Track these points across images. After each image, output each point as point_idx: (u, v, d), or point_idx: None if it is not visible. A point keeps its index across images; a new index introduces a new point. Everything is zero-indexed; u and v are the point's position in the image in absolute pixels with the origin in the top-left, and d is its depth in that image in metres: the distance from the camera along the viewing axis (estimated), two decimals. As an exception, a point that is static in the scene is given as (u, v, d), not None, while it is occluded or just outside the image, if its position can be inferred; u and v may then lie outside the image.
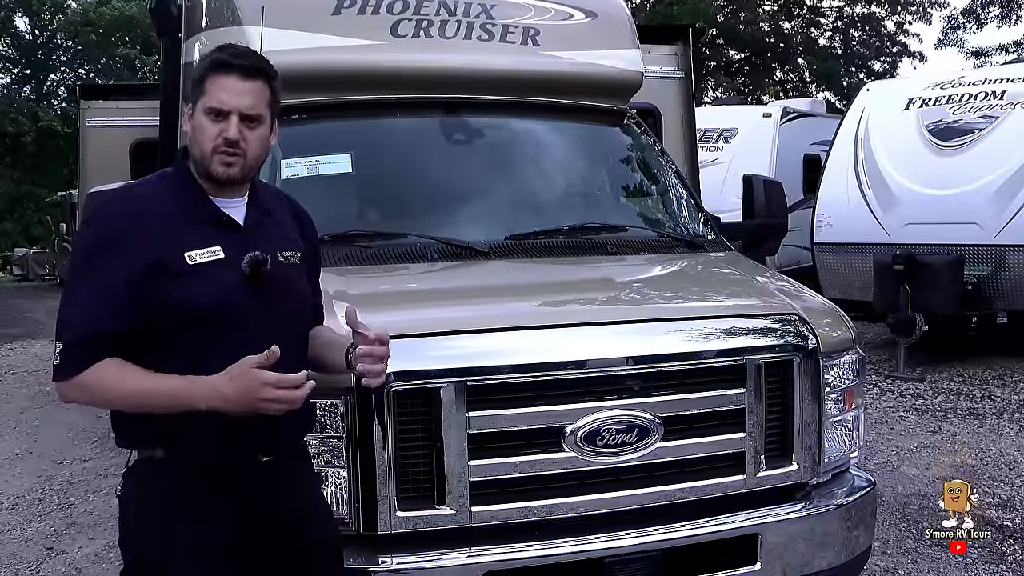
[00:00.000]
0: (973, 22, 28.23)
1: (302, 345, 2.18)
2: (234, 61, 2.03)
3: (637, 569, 2.72)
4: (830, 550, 3.00)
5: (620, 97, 4.31)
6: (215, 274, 1.97)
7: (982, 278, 9.34)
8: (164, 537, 2.01)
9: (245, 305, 1.99)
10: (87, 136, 8.02)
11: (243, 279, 1.98)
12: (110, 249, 1.95)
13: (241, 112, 2.00)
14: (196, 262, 1.95)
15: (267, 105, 2.06)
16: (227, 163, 2.01)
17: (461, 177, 3.88)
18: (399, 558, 2.55)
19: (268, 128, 2.09)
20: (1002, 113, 9.78)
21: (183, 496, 2.00)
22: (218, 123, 2.00)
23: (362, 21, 3.81)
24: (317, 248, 2.33)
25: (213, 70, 2.02)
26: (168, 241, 1.96)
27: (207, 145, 2.00)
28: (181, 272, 1.93)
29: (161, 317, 1.94)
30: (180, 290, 1.92)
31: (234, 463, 2.02)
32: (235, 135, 1.99)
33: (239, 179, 2.06)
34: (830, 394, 3.03)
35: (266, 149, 2.11)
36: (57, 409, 8.65)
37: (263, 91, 2.04)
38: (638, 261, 3.69)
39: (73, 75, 36.95)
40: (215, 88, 2.00)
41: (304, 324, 2.20)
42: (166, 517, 2.01)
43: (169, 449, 2.01)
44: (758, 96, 30.25)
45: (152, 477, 2.04)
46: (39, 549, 4.86)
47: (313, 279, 2.29)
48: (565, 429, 2.63)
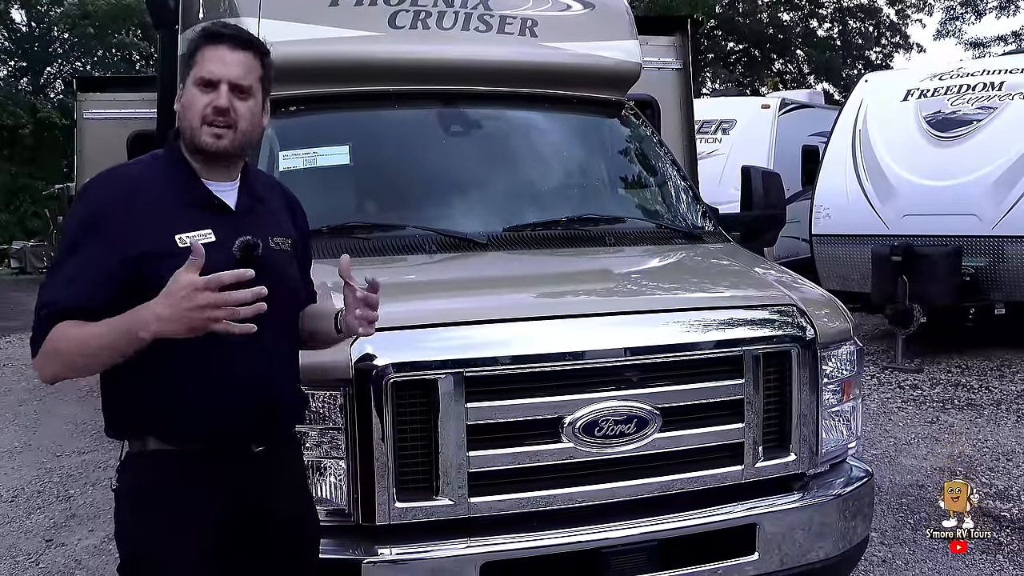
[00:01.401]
0: (971, 13, 28.21)
1: (292, 329, 2.17)
2: (224, 31, 2.02)
3: (635, 559, 2.73)
4: (828, 540, 3.01)
5: (618, 88, 4.30)
6: (206, 257, 1.93)
7: (980, 269, 9.35)
8: (157, 532, 1.99)
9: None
10: (84, 128, 8.01)
11: (234, 263, 1.93)
12: (95, 228, 1.93)
13: (231, 81, 1.97)
14: (186, 244, 1.90)
15: (258, 79, 2.03)
16: (216, 134, 1.98)
17: (459, 169, 3.87)
18: (398, 549, 2.56)
19: (259, 104, 2.05)
20: (1000, 104, 9.77)
21: (175, 489, 1.98)
22: (208, 93, 1.97)
23: (359, 12, 3.80)
24: (308, 237, 2.32)
25: (203, 42, 2.01)
26: (158, 222, 1.94)
27: (196, 117, 1.98)
28: (171, 254, 1.88)
29: (152, 297, 1.87)
30: (171, 271, 1.85)
31: (226, 453, 2.01)
32: (225, 103, 1.96)
33: (229, 152, 2.02)
34: (828, 385, 3.04)
35: (258, 127, 2.08)
36: (56, 402, 8.67)
37: (254, 64, 2.02)
38: (636, 252, 3.69)
39: (70, 67, 36.82)
40: (204, 59, 1.99)
41: (295, 310, 2.19)
42: (158, 511, 1.99)
43: (160, 440, 1.98)
44: (756, 87, 30.21)
45: (144, 470, 2.02)
46: (39, 541, 4.87)
47: (304, 268, 2.27)
48: (563, 420, 2.63)
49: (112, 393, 2.03)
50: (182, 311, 1.73)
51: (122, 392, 2.00)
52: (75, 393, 9.03)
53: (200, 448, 1.98)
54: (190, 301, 1.72)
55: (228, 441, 2.01)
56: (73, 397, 8.85)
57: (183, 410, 1.92)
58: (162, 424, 1.97)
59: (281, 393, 2.10)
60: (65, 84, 34.62)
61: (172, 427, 1.96)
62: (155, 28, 4.76)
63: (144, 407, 1.95)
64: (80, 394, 8.94)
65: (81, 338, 1.85)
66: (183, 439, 1.97)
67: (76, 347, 1.86)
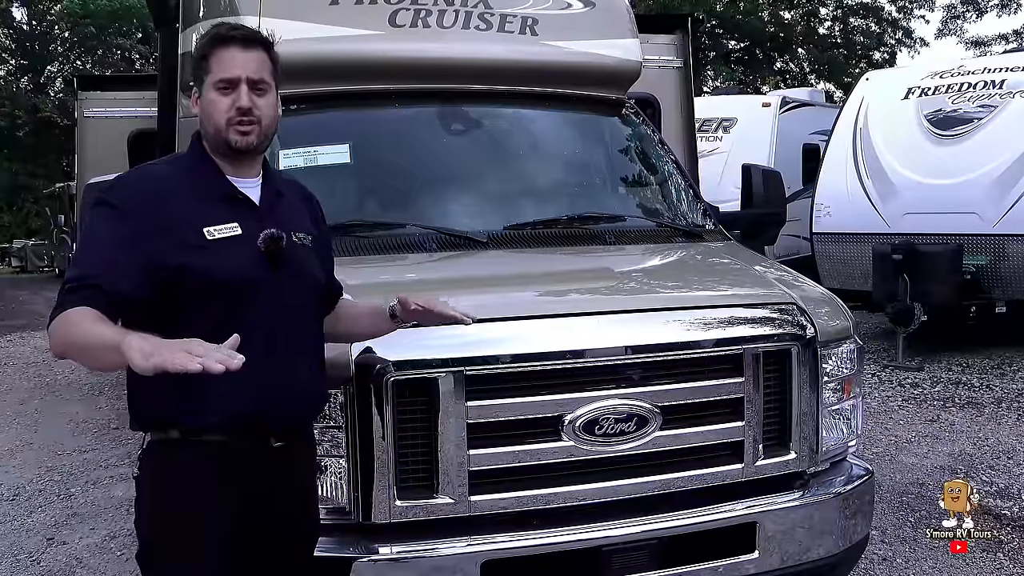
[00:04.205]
0: (973, 11, 28.19)
1: (316, 324, 2.22)
2: (232, 33, 2.07)
3: (635, 557, 2.73)
4: (828, 538, 3.01)
5: (619, 87, 4.30)
6: (233, 249, 1.99)
7: (981, 268, 9.35)
8: (174, 518, 2.02)
9: (262, 280, 2.02)
10: (85, 127, 8.01)
11: (259, 255, 2.01)
12: (122, 220, 1.96)
13: (249, 78, 2.03)
14: (215, 237, 1.97)
15: (270, 73, 2.09)
16: (243, 132, 2.03)
17: (460, 167, 3.87)
18: (398, 547, 2.56)
19: (275, 96, 2.12)
20: (1001, 102, 9.76)
21: (194, 478, 2.01)
22: (228, 95, 2.03)
23: (360, 11, 3.80)
24: (328, 235, 2.36)
25: (214, 45, 2.05)
26: (185, 215, 1.98)
27: (221, 118, 2.03)
28: (200, 246, 1.96)
29: (180, 290, 1.94)
30: (200, 263, 1.94)
31: (246, 446, 2.03)
32: (247, 103, 2.02)
33: (256, 147, 2.08)
34: (828, 383, 3.04)
35: (276, 119, 2.13)
36: (57, 400, 8.68)
37: (265, 59, 2.08)
38: (637, 251, 3.69)
39: (71, 66, 36.83)
40: (219, 62, 2.04)
41: (317, 303, 2.23)
42: (177, 498, 2.02)
43: (181, 431, 2.01)
44: (757, 86, 30.20)
45: (165, 458, 2.04)
46: (40, 539, 4.87)
47: (327, 264, 2.31)
48: (564, 418, 2.63)
49: (137, 386, 2.05)
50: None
51: (147, 385, 2.00)
52: (77, 392, 9.06)
53: (220, 439, 2.00)
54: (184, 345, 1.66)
55: (248, 434, 2.03)
56: (75, 396, 8.87)
57: (206, 402, 1.94)
58: (184, 415, 1.99)
59: (304, 387, 2.14)
60: (66, 83, 34.63)
61: (194, 418, 1.98)
62: (155, 26, 4.76)
63: (167, 399, 1.96)
64: (81, 393, 8.97)
65: (81, 329, 1.84)
66: (205, 430, 2.00)
67: (80, 334, 1.84)
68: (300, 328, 2.12)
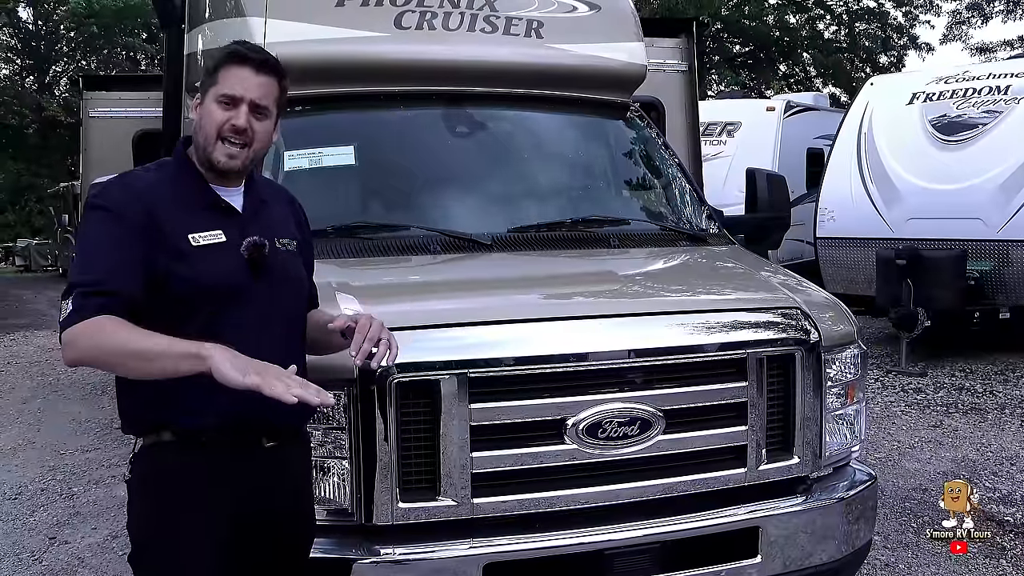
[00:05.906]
0: (978, 17, 28.16)
1: (300, 326, 2.23)
2: (250, 54, 2.09)
3: (638, 561, 2.73)
4: (831, 543, 3.01)
5: (623, 90, 4.30)
6: (217, 256, 2.02)
7: (985, 273, 9.34)
8: (165, 521, 2.04)
9: (246, 286, 2.05)
10: (90, 127, 8.00)
11: (244, 262, 2.04)
12: (118, 222, 1.97)
13: (252, 101, 2.05)
14: (199, 244, 2.00)
15: (275, 101, 2.11)
16: (230, 154, 2.05)
17: (464, 169, 3.87)
18: (400, 549, 2.56)
19: (272, 124, 2.14)
20: (1006, 108, 9.75)
21: (185, 480, 2.02)
22: (228, 110, 2.04)
23: (365, 12, 3.81)
24: (310, 240, 2.38)
25: (228, 60, 2.07)
26: (170, 221, 2.00)
27: (212, 130, 2.04)
28: (186, 252, 1.98)
29: (165, 296, 1.97)
30: (186, 269, 1.97)
31: (237, 447, 2.04)
32: (244, 123, 2.04)
33: (239, 171, 2.11)
34: (832, 388, 3.03)
35: (268, 145, 2.16)
36: (60, 399, 8.69)
37: (274, 87, 2.10)
38: (641, 254, 3.69)
39: (76, 65, 36.91)
40: (228, 77, 2.05)
41: (301, 306, 2.25)
42: (168, 500, 2.04)
43: (173, 433, 2.02)
44: (762, 90, 30.18)
45: (156, 460, 2.06)
46: (42, 539, 4.88)
47: (308, 269, 2.33)
48: (567, 421, 2.63)
49: (127, 390, 2.06)
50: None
51: (137, 388, 2.02)
52: (79, 391, 9.06)
53: (211, 441, 2.01)
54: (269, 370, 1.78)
55: (239, 435, 2.04)
56: (77, 395, 8.88)
57: (200, 404, 1.94)
58: (175, 418, 2.00)
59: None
60: (71, 82, 34.68)
61: (189, 420, 2.00)
62: (161, 27, 4.77)
63: (158, 402, 1.98)
64: (84, 392, 8.98)
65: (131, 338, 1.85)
66: (195, 432, 2.01)
67: (126, 343, 1.84)
68: (288, 331, 2.15)
